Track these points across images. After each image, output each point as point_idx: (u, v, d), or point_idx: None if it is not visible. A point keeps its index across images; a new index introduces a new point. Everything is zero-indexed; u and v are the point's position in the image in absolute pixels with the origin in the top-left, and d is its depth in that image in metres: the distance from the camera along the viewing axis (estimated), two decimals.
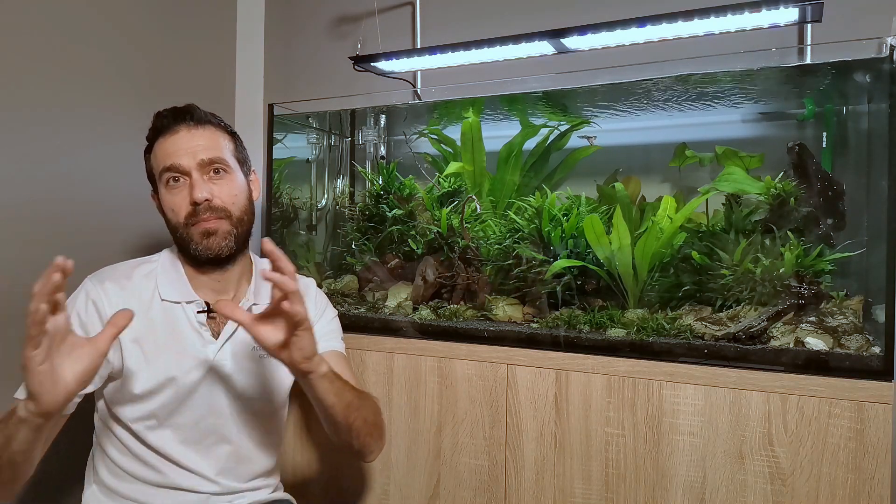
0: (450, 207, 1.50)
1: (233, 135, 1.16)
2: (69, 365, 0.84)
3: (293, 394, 1.23)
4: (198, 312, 1.10)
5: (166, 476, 1.07)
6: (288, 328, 0.93)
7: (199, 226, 1.07)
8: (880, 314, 1.05)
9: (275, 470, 1.22)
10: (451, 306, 1.40)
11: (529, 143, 1.55)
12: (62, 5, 1.36)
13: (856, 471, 0.98)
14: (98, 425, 1.11)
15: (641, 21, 1.23)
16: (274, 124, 1.62)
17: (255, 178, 1.19)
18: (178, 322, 1.09)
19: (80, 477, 1.14)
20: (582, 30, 1.29)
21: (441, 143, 1.66)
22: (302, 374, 0.97)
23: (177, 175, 1.07)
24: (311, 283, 1.29)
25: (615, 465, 1.14)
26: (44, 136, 1.33)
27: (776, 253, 1.18)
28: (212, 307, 1.10)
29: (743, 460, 1.05)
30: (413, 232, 1.53)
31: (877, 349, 1.04)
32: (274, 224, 1.69)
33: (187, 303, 1.10)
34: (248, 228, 1.14)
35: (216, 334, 1.11)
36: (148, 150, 1.13)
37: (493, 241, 1.46)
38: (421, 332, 1.34)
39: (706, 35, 1.27)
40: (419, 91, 1.73)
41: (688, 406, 1.09)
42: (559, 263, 1.31)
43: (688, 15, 1.19)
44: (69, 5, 1.37)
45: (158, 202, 1.12)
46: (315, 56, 1.90)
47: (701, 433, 1.08)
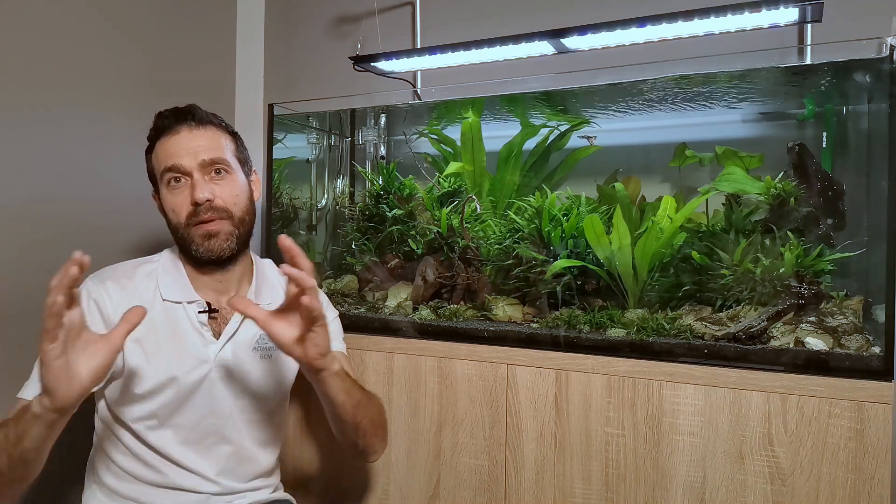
0: (450, 207, 1.50)
1: (234, 135, 1.16)
2: (84, 361, 0.84)
3: (293, 393, 1.23)
4: (199, 312, 1.10)
5: (166, 476, 1.07)
6: (304, 324, 0.93)
7: (200, 227, 1.07)
8: (880, 314, 1.05)
9: (275, 470, 1.22)
10: (451, 306, 1.40)
11: (529, 143, 1.55)
12: (62, 5, 1.36)
13: (856, 471, 0.98)
14: (98, 425, 1.11)
15: (641, 21, 1.23)
16: (274, 124, 1.62)
17: (256, 178, 1.19)
18: (180, 322, 1.09)
19: (80, 477, 1.14)
20: (582, 30, 1.29)
21: (441, 143, 1.66)
22: (315, 371, 0.97)
23: (178, 175, 1.07)
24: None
25: (615, 465, 1.14)
26: (44, 136, 1.33)
27: (776, 253, 1.18)
28: (228, 302, 1.08)
29: (743, 460, 1.05)
30: (413, 232, 1.53)
31: (877, 349, 1.04)
32: (274, 224, 1.69)
33: (188, 303, 1.10)
34: (250, 229, 1.14)
35: (217, 334, 1.11)
36: (149, 150, 1.13)
37: (493, 241, 1.46)
38: (421, 332, 1.34)
39: (706, 35, 1.27)
40: (419, 91, 1.73)
41: (688, 406, 1.09)
42: (559, 263, 1.31)
43: (688, 15, 1.19)
44: (69, 5, 1.37)
45: (159, 202, 1.13)
46: (315, 56, 1.90)
47: (701, 433, 1.08)
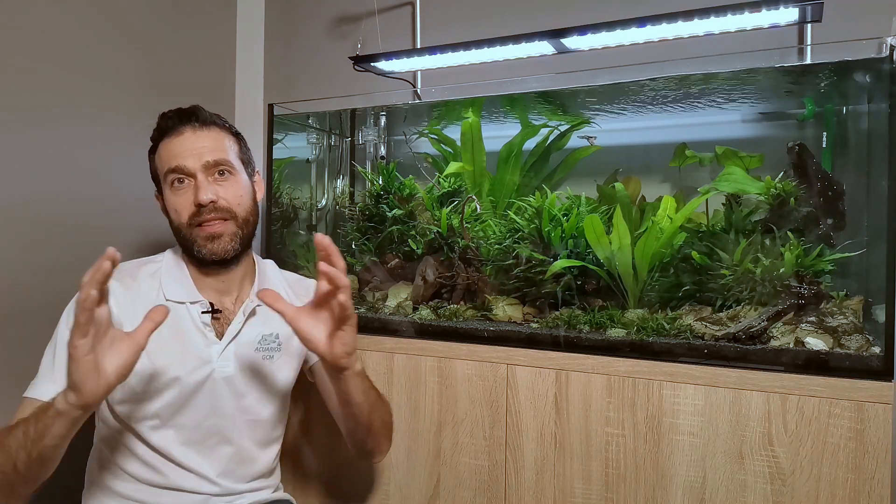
0: (450, 207, 1.50)
1: (237, 136, 1.16)
2: (110, 358, 0.85)
3: (294, 394, 1.23)
4: (202, 313, 1.10)
5: (167, 477, 1.07)
6: (334, 322, 0.93)
7: (203, 228, 1.07)
8: (880, 314, 1.05)
9: (275, 470, 1.22)
10: (451, 306, 1.40)
11: (529, 143, 1.55)
12: (62, 5, 1.36)
13: (856, 471, 0.98)
14: (99, 425, 1.11)
15: (641, 21, 1.23)
16: (274, 124, 1.62)
17: (258, 178, 1.19)
18: (183, 322, 1.09)
19: (81, 477, 1.14)
20: (582, 30, 1.29)
21: (441, 143, 1.66)
22: (339, 369, 0.97)
23: (182, 176, 1.07)
24: (313, 284, 1.28)
25: (615, 465, 1.14)
26: (44, 136, 1.33)
27: (776, 253, 1.18)
28: (258, 294, 1.07)
29: (743, 460, 1.05)
30: (413, 232, 1.53)
31: (877, 349, 1.04)
32: (274, 224, 1.69)
33: (191, 303, 1.10)
34: (253, 230, 1.14)
35: (220, 335, 1.11)
36: (152, 151, 1.13)
37: (493, 241, 1.46)
38: (421, 332, 1.34)
39: (706, 35, 1.27)
40: (419, 91, 1.73)
41: (688, 406, 1.09)
42: (559, 263, 1.31)
43: (688, 15, 1.19)
44: (69, 5, 1.37)
45: (162, 203, 1.13)
46: (315, 56, 1.90)
47: (701, 433, 1.08)
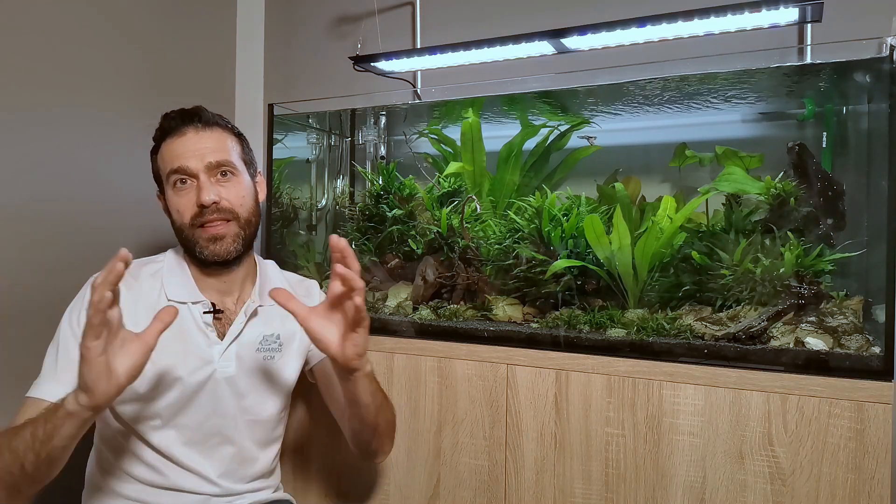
0: (450, 207, 1.50)
1: (239, 137, 1.16)
2: (121, 359, 0.85)
3: (294, 394, 1.23)
4: (204, 313, 1.10)
5: (167, 477, 1.07)
6: (348, 324, 0.93)
7: (205, 230, 1.07)
8: (880, 314, 1.05)
9: (275, 470, 1.22)
10: (451, 306, 1.40)
11: (529, 143, 1.55)
12: (62, 5, 1.36)
13: (856, 471, 0.98)
14: (100, 426, 1.11)
15: (641, 21, 1.23)
16: (274, 124, 1.62)
17: (261, 179, 1.19)
18: (185, 322, 1.09)
19: (81, 477, 1.14)
20: (582, 30, 1.29)
21: (441, 143, 1.66)
22: (350, 371, 0.97)
23: (184, 177, 1.07)
24: (314, 284, 1.29)
25: (615, 465, 1.14)
26: (44, 136, 1.33)
27: (776, 253, 1.18)
28: (270, 293, 1.05)
29: (743, 460, 1.05)
30: (413, 232, 1.53)
31: (877, 349, 1.04)
32: (274, 224, 1.69)
33: (193, 303, 1.10)
34: (255, 230, 1.14)
35: (221, 335, 1.11)
36: (154, 151, 1.13)
37: (493, 241, 1.46)
38: (421, 332, 1.34)
39: (706, 35, 1.27)
40: (419, 91, 1.73)
41: (688, 406, 1.09)
42: (559, 263, 1.31)
43: (688, 15, 1.19)
44: (69, 5, 1.37)
45: (164, 203, 1.12)
46: (315, 56, 1.90)
47: (701, 433, 1.08)
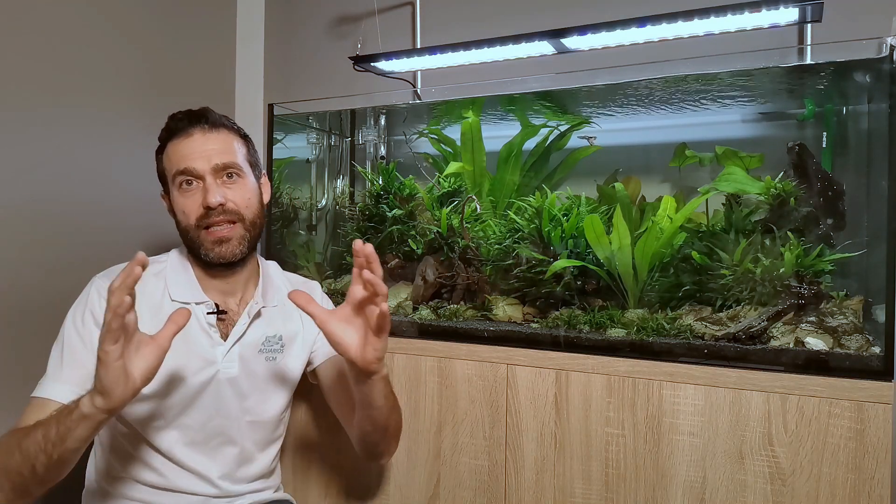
0: (450, 207, 1.50)
1: (245, 138, 1.16)
2: (136, 362, 0.86)
3: (295, 394, 1.23)
4: (208, 314, 1.10)
5: (167, 479, 1.07)
6: (371, 329, 0.94)
7: (211, 232, 1.07)
8: (880, 314, 1.05)
9: (276, 470, 1.22)
10: (451, 306, 1.40)
11: (529, 143, 1.55)
12: (62, 5, 1.36)
13: (856, 471, 0.98)
14: None
15: (641, 21, 1.23)
16: (274, 124, 1.62)
17: (265, 180, 1.19)
18: (188, 323, 1.09)
19: (81, 478, 1.14)
20: (582, 30, 1.29)
21: (441, 143, 1.66)
22: (368, 374, 0.98)
23: (190, 178, 1.07)
24: (315, 286, 1.29)
25: (615, 465, 1.14)
26: (44, 136, 1.33)
27: (776, 253, 1.18)
28: (289, 296, 1.01)
29: (743, 460, 1.05)
30: (413, 232, 1.53)
31: (877, 349, 1.04)
32: (274, 224, 1.69)
33: (197, 304, 1.10)
34: (260, 232, 1.15)
35: (225, 336, 1.11)
36: (160, 151, 1.12)
37: (493, 241, 1.46)
38: (421, 332, 1.34)
39: (706, 35, 1.27)
40: (419, 91, 1.73)
41: (688, 406, 1.09)
42: (559, 263, 1.31)
43: (688, 15, 1.19)
44: (69, 5, 1.37)
45: (169, 203, 1.12)
46: (315, 56, 1.90)
47: (701, 433, 1.08)
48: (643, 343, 1.17)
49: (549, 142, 1.55)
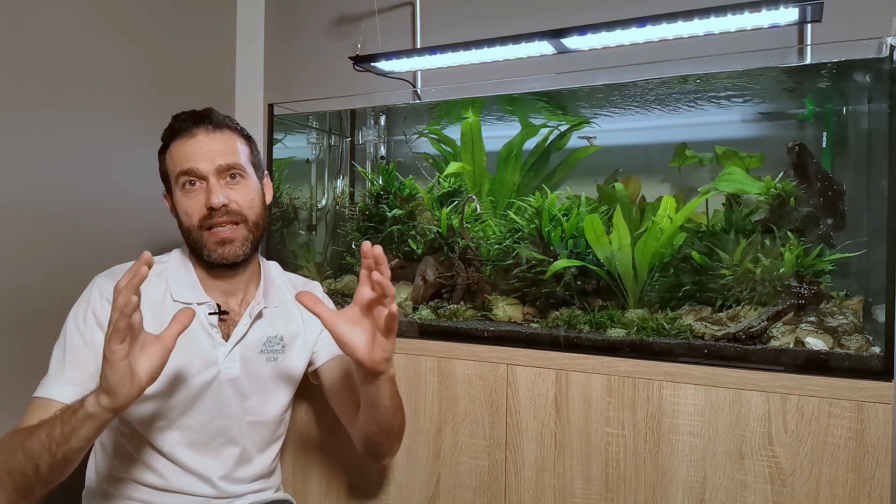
0: (450, 207, 1.50)
1: (248, 139, 1.16)
2: (141, 362, 0.86)
3: (295, 394, 1.23)
4: (209, 314, 1.10)
5: (168, 480, 1.07)
6: (380, 330, 0.94)
7: (213, 234, 1.07)
8: (880, 314, 1.05)
9: (276, 470, 1.22)
10: (451, 306, 1.41)
11: (529, 143, 1.55)
12: (62, 5, 1.36)
13: (856, 471, 0.98)
14: None
15: (641, 21, 1.23)
16: (274, 124, 1.62)
17: (268, 181, 1.19)
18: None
19: (81, 479, 1.14)
20: (582, 30, 1.29)
21: (441, 143, 1.66)
22: (375, 374, 0.98)
23: (193, 179, 1.07)
24: (316, 286, 1.29)
25: (615, 465, 1.14)
26: (44, 136, 1.34)
27: (776, 253, 1.18)
28: (296, 297, 1.01)
29: (743, 460, 1.05)
30: (413, 232, 1.53)
31: (877, 349, 1.04)
32: (274, 224, 1.69)
33: (199, 304, 1.10)
34: (262, 232, 1.14)
35: (226, 336, 1.11)
36: (163, 151, 1.12)
37: (493, 241, 1.46)
38: (421, 332, 1.35)
39: (706, 35, 1.27)
40: (419, 91, 1.73)
41: (688, 406, 1.09)
42: (559, 263, 1.31)
43: (688, 15, 1.19)
44: (69, 5, 1.37)
45: (171, 203, 1.12)
46: (315, 56, 1.90)
47: (701, 433, 1.08)
48: (643, 343, 1.17)
49: (549, 142, 1.55)
